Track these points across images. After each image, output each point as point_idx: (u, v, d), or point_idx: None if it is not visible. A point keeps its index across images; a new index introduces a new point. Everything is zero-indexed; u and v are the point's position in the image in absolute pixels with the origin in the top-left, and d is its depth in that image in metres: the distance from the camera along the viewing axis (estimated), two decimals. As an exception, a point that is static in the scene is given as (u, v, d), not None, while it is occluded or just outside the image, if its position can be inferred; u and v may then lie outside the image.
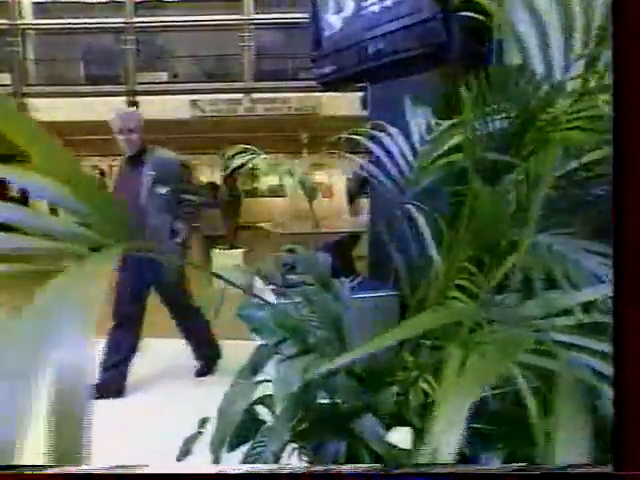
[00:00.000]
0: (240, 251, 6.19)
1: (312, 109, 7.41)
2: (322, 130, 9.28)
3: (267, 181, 15.07)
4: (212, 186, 13.68)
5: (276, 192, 14.77)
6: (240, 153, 1.73)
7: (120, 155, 2.54)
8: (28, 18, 7.87)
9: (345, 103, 7.41)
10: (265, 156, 1.55)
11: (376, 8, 1.73)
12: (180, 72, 8.12)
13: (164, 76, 7.98)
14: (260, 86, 7.55)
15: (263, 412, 1.20)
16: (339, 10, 1.91)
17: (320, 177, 15.16)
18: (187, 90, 7.64)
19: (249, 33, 7.57)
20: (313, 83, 7.64)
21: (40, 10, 7.85)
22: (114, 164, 14.53)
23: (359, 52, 1.76)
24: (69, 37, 8.06)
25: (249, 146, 1.73)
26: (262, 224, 6.44)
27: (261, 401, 1.27)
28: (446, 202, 1.21)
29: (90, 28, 7.92)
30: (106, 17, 7.80)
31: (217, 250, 6.24)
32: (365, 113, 7.32)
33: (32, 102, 7.65)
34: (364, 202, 9.99)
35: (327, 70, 1.96)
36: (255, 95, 7.48)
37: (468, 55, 1.62)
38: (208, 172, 15.34)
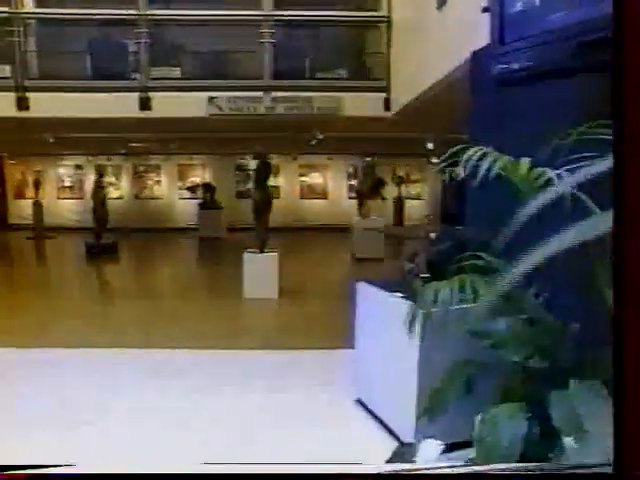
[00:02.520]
0: (274, 254, 5.96)
1: (334, 109, 7.26)
2: (342, 130, 9.17)
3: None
4: (207, 187, 13.34)
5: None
6: (472, 153, 1.58)
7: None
8: (29, 6, 7.39)
9: (367, 104, 7.32)
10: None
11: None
12: (194, 68, 7.82)
13: (177, 72, 7.66)
14: (280, 84, 7.35)
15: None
16: (535, 3, 1.78)
17: (315, 179, 15.06)
18: (202, 87, 7.36)
19: (269, 30, 7.35)
20: (333, 83, 7.43)
21: (42, -2, 7.40)
22: (108, 163, 13.91)
23: (568, 47, 1.64)
24: (74, 28, 7.62)
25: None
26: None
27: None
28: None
29: (97, 19, 7.52)
30: (115, 8, 7.41)
31: (248, 253, 5.99)
32: (388, 114, 7.15)
33: (34, 97, 7.19)
34: (374, 203, 9.89)
35: (515, 66, 1.83)
36: (275, 93, 7.28)
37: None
38: (199, 171, 14.94)
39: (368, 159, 12.93)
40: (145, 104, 7.28)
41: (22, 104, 7.15)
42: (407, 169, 14.48)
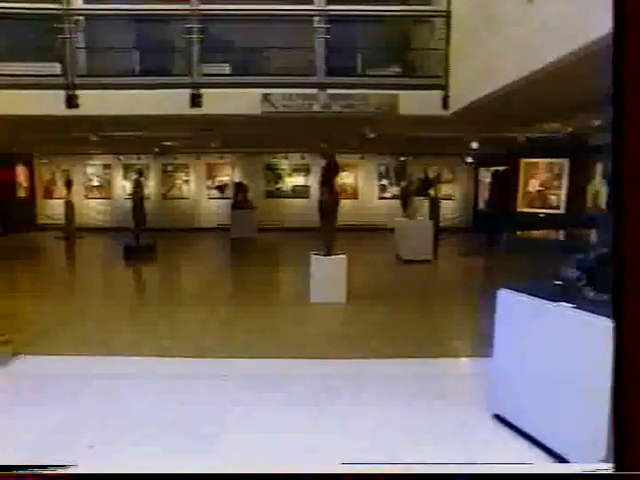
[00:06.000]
0: (343, 257, 5.76)
1: (392, 107, 7.05)
2: (396, 129, 8.96)
3: (290, 182, 14.63)
4: (239, 186, 13.16)
5: (300, 193, 14.38)
6: None
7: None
8: (78, 3, 7.20)
9: (424, 101, 7.11)
10: None
11: None
12: (244, 65, 7.63)
13: (226, 68, 7.46)
14: (334, 81, 7.14)
15: None
16: None
17: (346, 179, 14.83)
18: (253, 84, 7.17)
19: (322, 25, 7.14)
20: (387, 80, 7.16)
21: (92, -6, 7.21)
22: (137, 162, 13.72)
23: None
24: (123, 24, 7.45)
25: None
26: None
27: None
28: None
29: (146, 15, 7.33)
30: (162, 3, 7.23)
31: (315, 256, 5.78)
32: (446, 113, 6.90)
33: (83, 94, 7.01)
34: (420, 203, 9.67)
35: None
36: (330, 91, 7.08)
37: None
38: (228, 170, 14.72)
39: (402, 159, 12.72)
40: (196, 101, 7.10)
41: (72, 102, 6.97)
42: (437, 169, 14.26)
